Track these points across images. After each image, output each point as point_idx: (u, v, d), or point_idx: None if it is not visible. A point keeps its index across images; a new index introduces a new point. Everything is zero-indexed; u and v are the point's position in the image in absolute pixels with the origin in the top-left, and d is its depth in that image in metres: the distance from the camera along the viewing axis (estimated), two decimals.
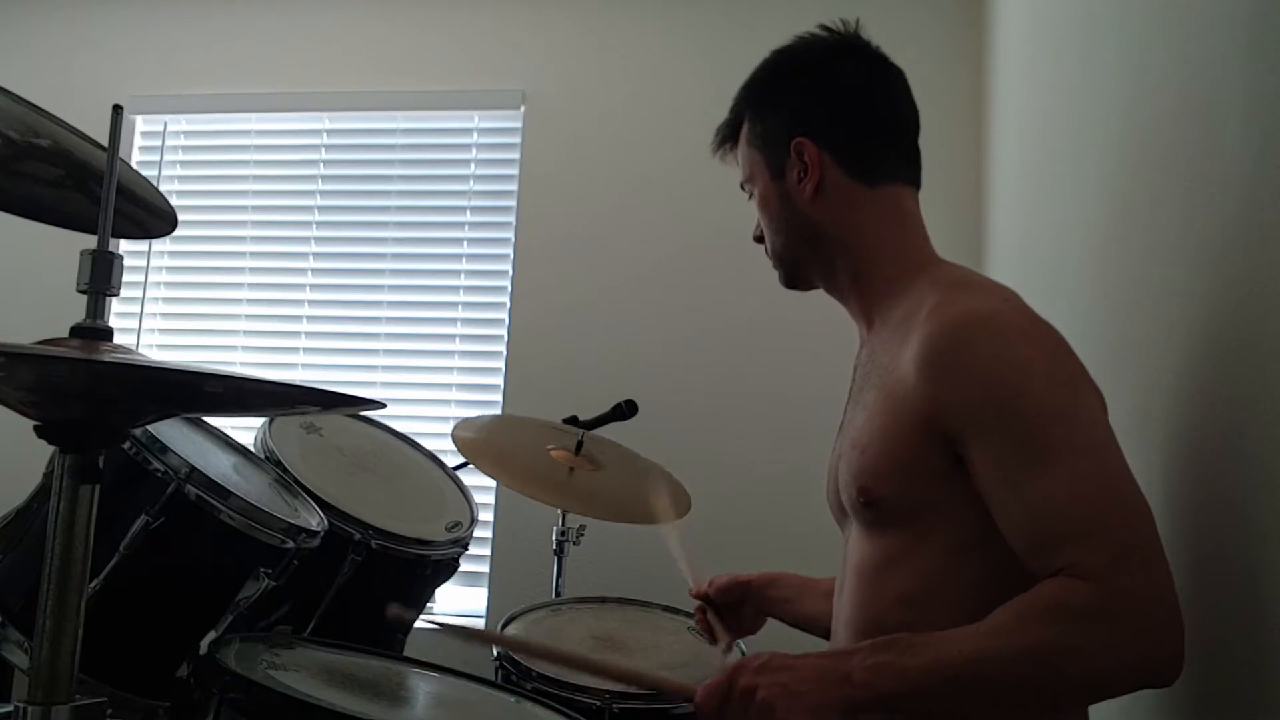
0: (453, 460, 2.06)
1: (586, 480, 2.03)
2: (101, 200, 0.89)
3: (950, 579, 1.03)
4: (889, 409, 1.05)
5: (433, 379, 3.02)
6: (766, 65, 1.24)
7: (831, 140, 1.17)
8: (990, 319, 1.02)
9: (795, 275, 1.25)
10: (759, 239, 1.27)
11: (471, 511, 1.98)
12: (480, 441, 2.03)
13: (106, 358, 0.82)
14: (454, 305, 3.03)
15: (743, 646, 1.75)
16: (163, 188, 1.38)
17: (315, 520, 1.56)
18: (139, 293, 3.09)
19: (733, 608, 1.46)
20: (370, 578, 1.69)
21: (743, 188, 1.27)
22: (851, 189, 1.17)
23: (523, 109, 3.02)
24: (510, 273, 2.97)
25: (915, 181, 1.21)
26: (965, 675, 0.90)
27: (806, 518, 1.36)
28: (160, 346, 3.12)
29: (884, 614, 1.08)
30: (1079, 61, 1.67)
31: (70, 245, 0.97)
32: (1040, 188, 1.99)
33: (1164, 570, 0.89)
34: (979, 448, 0.98)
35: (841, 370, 1.28)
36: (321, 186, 3.14)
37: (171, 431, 1.44)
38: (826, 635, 1.38)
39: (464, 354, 3.01)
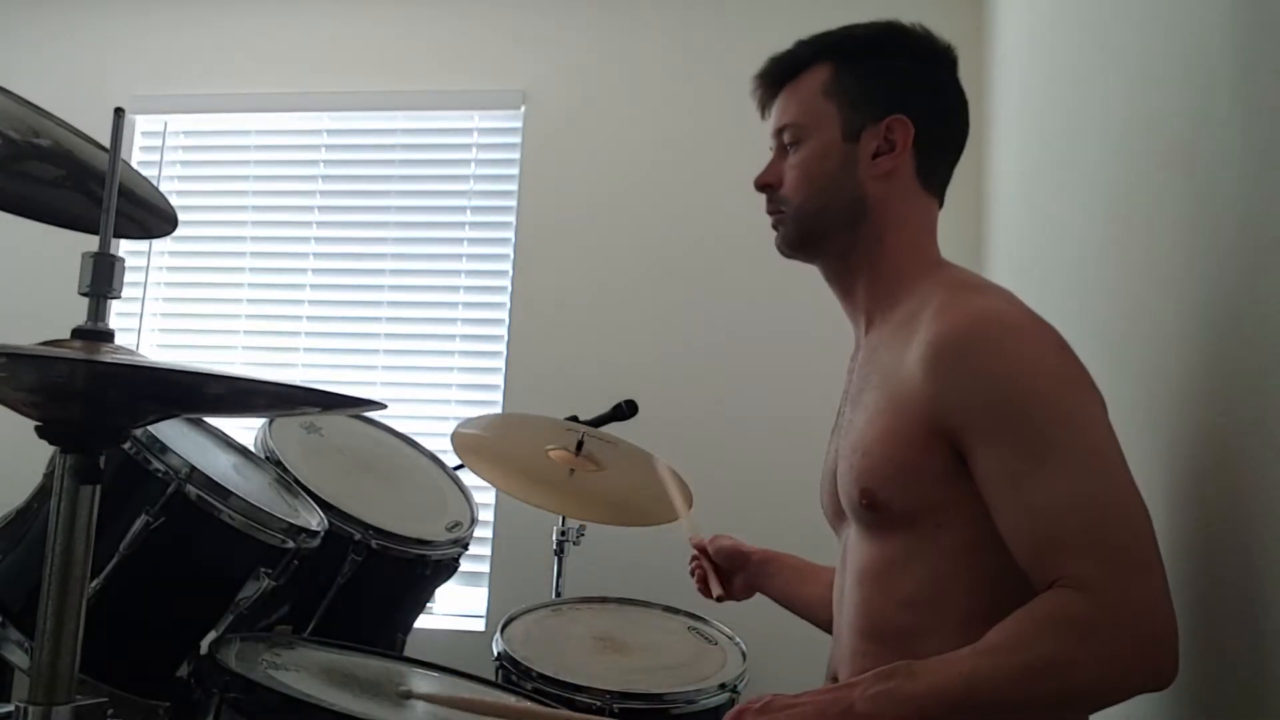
0: (453, 460, 2.06)
1: (587, 481, 2.03)
2: (103, 203, 0.89)
3: (955, 582, 1.03)
4: (892, 410, 1.05)
5: (433, 379, 3.01)
6: (878, 29, 1.19)
7: (925, 131, 1.15)
8: (997, 320, 1.01)
9: (808, 242, 1.19)
10: (766, 188, 1.21)
11: (472, 511, 1.99)
12: (481, 443, 2.03)
13: (107, 358, 0.82)
14: (454, 305, 3.03)
15: (743, 646, 1.75)
16: (163, 188, 1.38)
17: (315, 520, 1.56)
18: (139, 293, 3.09)
19: (727, 573, 1.48)
20: (370, 578, 1.69)
21: (780, 133, 1.20)
22: (912, 185, 1.16)
23: (523, 109, 3.02)
24: (510, 273, 2.97)
25: (942, 202, 1.21)
26: (968, 697, 0.90)
27: (808, 517, 1.36)
28: (160, 347, 3.11)
29: (889, 618, 1.07)
30: (1079, 61, 1.67)
31: (71, 246, 0.97)
32: (1040, 188, 1.99)
33: (1160, 579, 0.89)
34: (982, 448, 0.98)
35: (843, 370, 1.28)
36: (321, 186, 3.14)
37: (171, 431, 1.44)
38: (817, 622, 1.38)
39: (464, 354, 3.01)
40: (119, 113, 0.91)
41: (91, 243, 0.92)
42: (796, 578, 1.45)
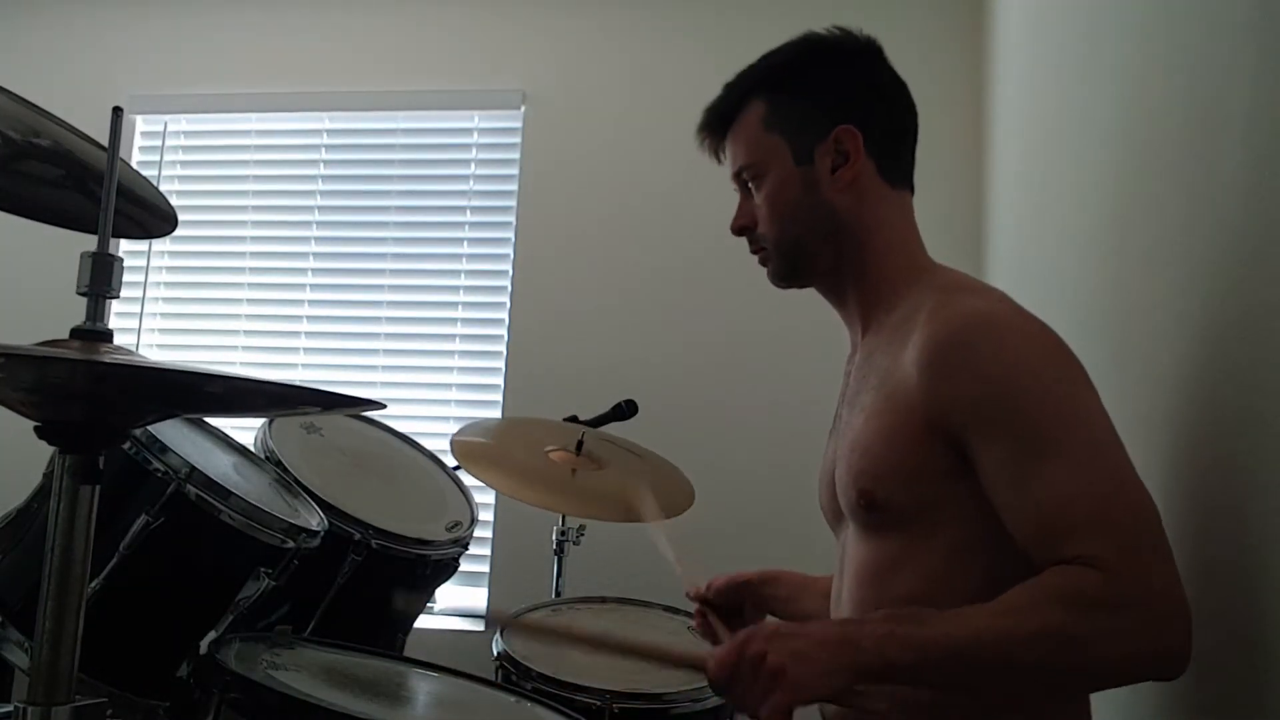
0: (453, 460, 2.06)
1: (589, 481, 2.03)
2: (101, 203, 0.89)
3: (952, 582, 1.03)
4: (889, 410, 1.05)
5: (433, 379, 3.02)
6: (795, 49, 1.20)
7: (872, 133, 1.16)
8: (991, 318, 1.02)
9: (797, 270, 1.21)
10: (743, 231, 1.22)
11: (471, 511, 1.98)
12: (481, 450, 2.03)
13: (106, 359, 0.82)
14: (454, 305, 3.03)
15: None
16: (163, 188, 1.38)
17: (315, 520, 1.55)
18: (139, 293, 3.09)
19: (734, 610, 1.45)
20: (370, 578, 1.69)
21: (739, 176, 1.22)
22: (879, 185, 1.17)
23: (523, 109, 3.02)
24: (510, 273, 2.97)
25: (913, 189, 1.22)
26: (975, 651, 0.90)
27: (807, 518, 1.36)
28: (160, 347, 3.12)
29: None
30: (1080, 61, 1.67)
31: (70, 246, 0.97)
32: (1040, 188, 1.99)
33: (1172, 565, 0.89)
34: (984, 445, 0.98)
35: (840, 370, 1.28)
36: (321, 186, 3.14)
37: (171, 431, 1.44)
38: None
39: (464, 354, 3.01)
40: (117, 112, 0.91)
41: (91, 243, 0.92)
42: (797, 594, 1.44)
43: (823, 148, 1.16)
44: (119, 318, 3.07)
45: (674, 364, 2.79)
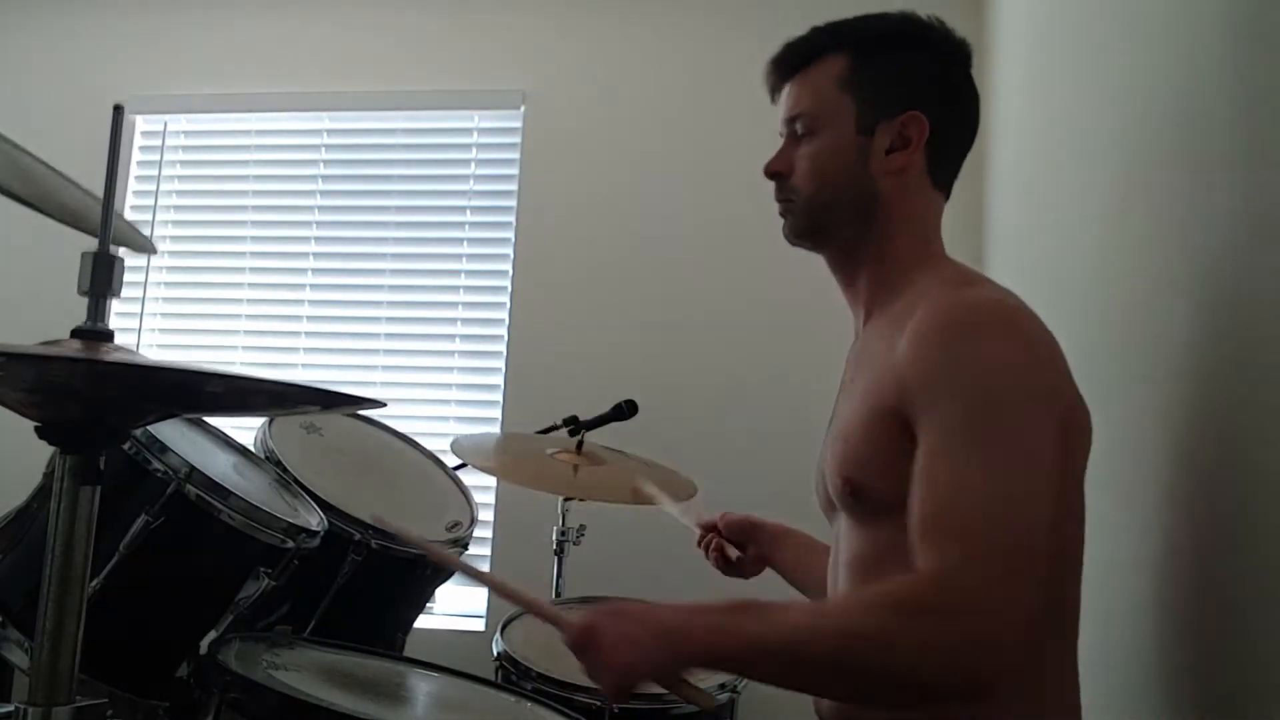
0: (452, 460, 2.06)
1: (590, 475, 2.02)
2: (102, 202, 0.89)
3: None
4: (873, 397, 1.05)
5: (433, 379, 3.02)
6: (895, 21, 1.17)
7: (939, 129, 1.14)
8: (981, 309, 1.01)
9: (816, 232, 1.18)
10: (775, 176, 1.19)
11: (471, 511, 1.98)
12: (480, 452, 2.03)
13: (107, 358, 0.82)
14: (454, 305, 3.03)
15: None
16: (163, 188, 1.38)
17: (315, 520, 1.56)
18: (139, 293, 3.09)
19: (737, 546, 1.47)
20: (370, 578, 1.69)
21: (792, 121, 1.17)
22: (922, 181, 1.15)
23: (523, 109, 3.02)
24: (510, 273, 2.97)
25: (949, 197, 1.20)
26: (790, 650, 0.90)
27: (808, 516, 1.36)
28: (161, 347, 3.11)
29: None
30: (1079, 61, 1.67)
31: (71, 245, 0.97)
32: (1040, 187, 1.99)
33: (1022, 590, 0.86)
34: (924, 430, 0.97)
35: (841, 369, 1.27)
36: (321, 186, 3.14)
37: (171, 431, 1.44)
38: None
39: (464, 354, 3.01)
40: (118, 110, 0.91)
41: (91, 243, 0.92)
42: (808, 553, 1.44)
43: (886, 126, 1.13)
44: (119, 318, 3.07)
45: (674, 364, 2.79)
